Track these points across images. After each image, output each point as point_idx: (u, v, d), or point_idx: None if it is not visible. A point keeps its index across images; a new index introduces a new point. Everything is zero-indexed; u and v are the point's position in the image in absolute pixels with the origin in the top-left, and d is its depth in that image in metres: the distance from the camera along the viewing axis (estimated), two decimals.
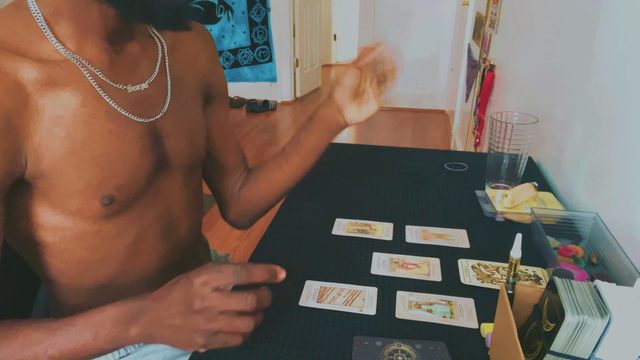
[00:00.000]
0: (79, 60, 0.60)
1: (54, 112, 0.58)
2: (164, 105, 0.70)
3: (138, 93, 0.66)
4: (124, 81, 0.65)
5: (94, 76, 0.61)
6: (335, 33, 7.07)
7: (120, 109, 0.63)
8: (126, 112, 0.64)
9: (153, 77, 0.69)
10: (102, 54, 0.62)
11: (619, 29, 0.85)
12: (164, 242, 0.76)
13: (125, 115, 0.64)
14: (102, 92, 0.62)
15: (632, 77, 0.78)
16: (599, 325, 0.45)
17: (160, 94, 0.70)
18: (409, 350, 0.59)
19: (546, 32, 1.33)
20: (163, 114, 0.69)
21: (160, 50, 0.71)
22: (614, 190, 0.81)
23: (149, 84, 0.68)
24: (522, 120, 0.98)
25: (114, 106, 0.63)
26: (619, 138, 0.81)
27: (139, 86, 0.67)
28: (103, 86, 0.62)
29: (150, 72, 0.69)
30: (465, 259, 0.80)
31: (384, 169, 1.17)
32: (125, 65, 0.66)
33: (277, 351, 0.62)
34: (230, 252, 2.37)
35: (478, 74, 2.40)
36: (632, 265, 0.66)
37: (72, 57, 0.60)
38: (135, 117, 0.65)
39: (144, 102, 0.67)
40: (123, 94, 0.64)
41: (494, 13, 2.19)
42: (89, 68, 0.61)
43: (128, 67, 0.66)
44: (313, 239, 0.87)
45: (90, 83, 0.61)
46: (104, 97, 0.62)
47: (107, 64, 0.63)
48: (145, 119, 0.67)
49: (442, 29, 4.49)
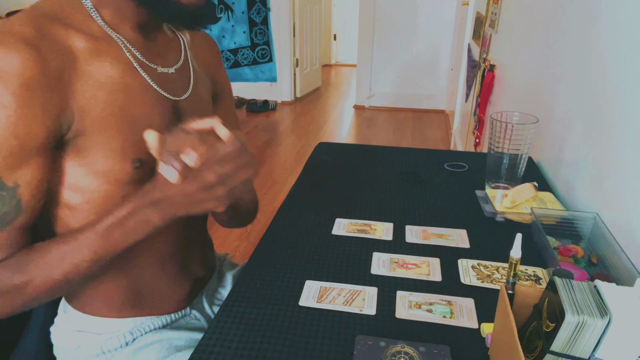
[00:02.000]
0: (120, 39, 0.68)
1: (97, 78, 0.65)
2: (187, 89, 0.78)
3: (165, 75, 0.74)
4: (155, 62, 0.73)
5: (131, 53, 0.69)
6: (335, 33, 7.08)
7: (152, 83, 0.71)
8: (157, 87, 0.72)
9: (179, 63, 0.78)
10: (138, 37, 0.71)
11: (619, 28, 0.85)
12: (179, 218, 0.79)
13: (156, 89, 0.72)
14: (138, 67, 0.70)
15: (632, 77, 0.78)
16: (599, 325, 0.45)
17: (184, 79, 0.78)
18: (412, 352, 0.59)
19: (546, 32, 1.33)
20: (187, 96, 0.77)
21: (182, 44, 0.80)
22: (614, 190, 0.81)
23: (175, 70, 0.76)
24: (522, 120, 0.98)
25: (148, 80, 0.70)
26: (618, 138, 0.81)
27: (167, 69, 0.75)
28: (139, 62, 0.70)
29: (175, 60, 0.77)
30: (465, 259, 0.80)
31: (384, 169, 1.17)
32: (156, 50, 0.74)
33: (277, 351, 0.62)
34: (230, 252, 2.37)
35: (478, 74, 2.40)
36: (632, 265, 0.66)
37: (115, 35, 0.68)
38: (164, 92, 0.73)
39: (170, 83, 0.75)
40: (154, 72, 0.72)
41: (494, 13, 2.19)
42: (127, 46, 0.69)
43: (158, 52, 0.74)
44: (313, 239, 0.87)
45: (128, 58, 0.69)
46: (139, 72, 0.70)
47: (142, 45, 0.71)
48: (172, 97, 0.74)
49: (442, 29, 4.49)
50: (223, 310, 0.69)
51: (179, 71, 0.77)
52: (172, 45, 0.78)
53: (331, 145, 1.36)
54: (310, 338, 0.64)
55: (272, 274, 0.77)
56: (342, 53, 7.19)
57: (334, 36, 7.08)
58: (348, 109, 4.95)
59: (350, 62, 6.83)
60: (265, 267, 0.79)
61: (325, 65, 6.72)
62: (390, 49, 4.68)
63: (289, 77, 4.97)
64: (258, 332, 0.65)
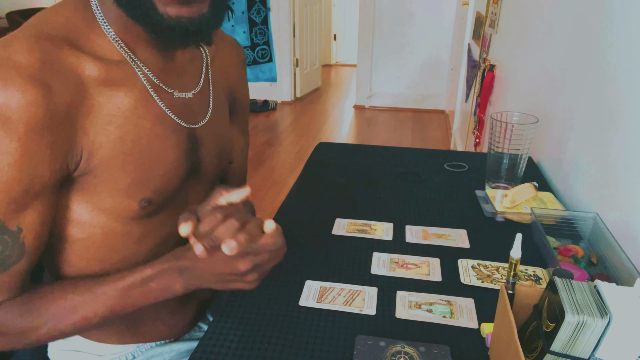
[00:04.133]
0: (135, 62, 0.62)
1: (108, 111, 0.59)
2: (205, 115, 0.72)
3: (183, 100, 0.68)
4: (173, 86, 0.66)
5: (147, 78, 0.63)
6: (335, 33, 7.07)
7: (169, 111, 0.65)
8: (173, 116, 0.66)
9: (199, 88, 0.71)
10: (155, 59, 0.64)
11: (619, 28, 0.85)
12: None
13: (172, 118, 0.66)
14: (154, 93, 0.63)
15: (631, 77, 0.78)
16: (599, 325, 0.45)
17: (203, 103, 0.72)
18: (412, 352, 0.59)
19: (546, 32, 1.33)
20: (205, 122, 0.71)
21: (204, 61, 0.73)
22: (614, 190, 0.81)
23: (194, 94, 0.70)
24: (522, 120, 0.98)
25: (163, 109, 0.64)
26: (619, 138, 0.81)
27: (185, 94, 0.68)
28: (155, 88, 0.64)
29: (194, 82, 0.71)
30: (465, 259, 0.80)
31: (384, 169, 1.17)
32: (174, 72, 0.67)
33: (277, 351, 0.62)
34: None
35: (478, 74, 2.40)
36: (632, 265, 0.66)
37: (130, 57, 0.61)
38: (180, 121, 0.67)
39: (187, 109, 0.68)
40: (170, 97, 0.66)
41: (494, 13, 2.19)
42: (143, 70, 0.62)
43: (177, 74, 0.68)
44: (313, 239, 0.87)
45: (144, 84, 0.62)
46: (155, 99, 0.63)
47: (159, 67, 0.65)
48: (188, 125, 0.68)
49: (442, 29, 4.49)
50: (223, 311, 0.69)
51: (197, 95, 0.70)
52: (192, 64, 0.71)
53: (331, 145, 1.36)
54: (310, 338, 0.64)
55: (272, 274, 0.76)
56: (342, 53, 7.19)
57: (334, 36, 7.07)
58: (348, 109, 4.94)
59: (350, 62, 6.83)
60: None
61: (325, 65, 6.72)
62: (390, 49, 4.68)
63: (289, 77, 4.97)
64: (258, 332, 0.65)
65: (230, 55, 0.80)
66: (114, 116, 0.59)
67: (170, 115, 0.65)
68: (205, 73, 0.73)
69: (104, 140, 0.59)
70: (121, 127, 0.60)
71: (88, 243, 0.66)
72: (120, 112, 0.60)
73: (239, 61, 0.83)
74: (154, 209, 0.67)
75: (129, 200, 0.63)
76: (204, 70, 0.73)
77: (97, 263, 0.68)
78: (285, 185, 3.03)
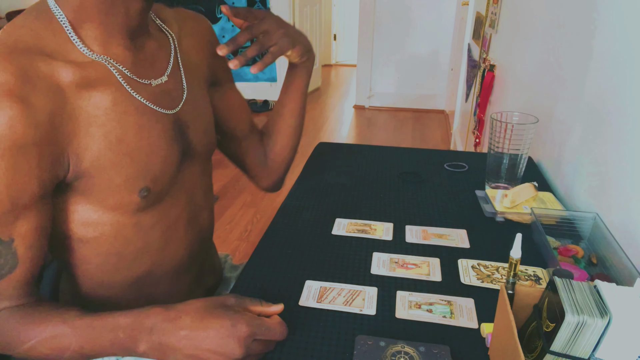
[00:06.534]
0: (107, 60, 0.62)
1: (88, 112, 0.60)
2: (182, 97, 0.73)
3: (160, 87, 0.69)
4: (147, 76, 0.68)
5: (121, 74, 0.64)
6: (335, 33, 7.07)
7: (148, 102, 0.66)
8: (153, 105, 0.67)
9: (169, 69, 0.72)
10: (126, 52, 0.65)
11: (619, 28, 0.85)
12: (190, 231, 0.79)
13: (152, 108, 0.67)
14: (129, 88, 0.64)
15: (632, 77, 0.78)
16: (599, 325, 0.45)
17: (178, 86, 0.73)
18: (412, 352, 0.59)
19: (546, 32, 1.33)
20: (182, 104, 0.72)
21: (172, 45, 0.74)
22: (614, 190, 0.81)
23: (168, 76, 0.71)
24: (522, 120, 0.98)
25: (142, 101, 0.65)
26: (618, 138, 0.81)
27: (160, 79, 0.69)
28: (130, 83, 0.65)
29: (166, 66, 0.72)
30: (465, 259, 0.80)
31: (384, 169, 1.17)
32: (146, 61, 0.68)
33: (277, 351, 0.62)
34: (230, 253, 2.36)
35: (478, 74, 2.40)
36: (632, 265, 0.66)
37: (99, 57, 0.62)
38: (161, 109, 0.68)
39: (166, 94, 0.70)
40: (148, 89, 0.67)
41: (494, 13, 2.19)
42: (115, 66, 0.63)
43: (149, 63, 0.69)
44: (313, 239, 0.87)
45: (119, 81, 0.63)
46: (132, 94, 0.64)
47: (131, 61, 0.65)
48: (169, 111, 0.70)
49: (442, 29, 4.49)
50: None
51: (170, 79, 0.72)
52: (161, 49, 0.72)
53: (331, 145, 1.36)
54: (310, 338, 0.64)
55: (272, 274, 0.77)
56: (342, 53, 7.19)
57: (334, 36, 7.07)
58: (348, 109, 4.95)
59: (350, 62, 6.83)
60: (265, 267, 0.78)
61: (325, 65, 6.72)
62: (390, 49, 4.68)
63: None
64: None
65: (198, 29, 0.81)
66: (95, 117, 0.60)
67: (150, 105, 0.66)
68: (174, 55, 0.74)
69: (90, 142, 0.60)
70: (103, 125, 0.61)
71: (101, 240, 0.68)
72: (101, 111, 0.61)
73: (208, 33, 0.83)
74: (155, 197, 0.69)
75: (129, 193, 0.65)
76: (173, 53, 0.73)
77: (112, 257, 0.70)
78: (285, 185, 3.03)
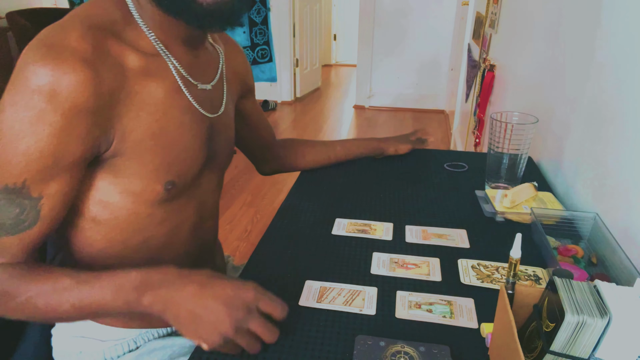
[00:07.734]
0: (168, 56, 0.68)
1: (142, 99, 0.65)
2: (221, 106, 0.80)
3: (205, 92, 0.75)
4: (197, 79, 0.74)
5: (178, 72, 0.70)
6: (335, 33, 7.08)
7: (194, 102, 0.72)
8: (198, 106, 0.72)
9: (216, 79, 0.79)
10: (184, 54, 0.71)
11: (619, 28, 0.85)
12: (193, 236, 0.81)
13: (196, 108, 0.72)
14: (182, 85, 0.70)
15: (632, 77, 0.78)
16: (599, 325, 0.45)
17: (219, 95, 0.80)
18: (412, 352, 0.59)
19: (546, 32, 1.33)
20: (221, 113, 0.79)
21: (220, 58, 0.82)
22: (614, 190, 0.81)
23: (213, 86, 0.77)
24: (522, 120, 0.98)
25: (190, 99, 0.71)
26: (619, 138, 0.81)
27: (206, 86, 0.75)
28: (183, 80, 0.70)
29: (213, 76, 0.79)
30: (465, 259, 0.80)
31: (384, 169, 1.17)
32: (199, 67, 0.75)
33: (277, 351, 0.62)
34: (230, 253, 2.36)
35: (478, 74, 2.40)
36: (632, 265, 0.66)
37: (163, 51, 0.68)
38: (203, 110, 0.74)
39: (208, 100, 0.76)
40: (196, 90, 0.73)
41: (494, 13, 2.19)
42: (174, 63, 0.69)
43: (201, 69, 0.75)
44: (313, 239, 0.87)
45: (175, 77, 0.69)
46: (183, 91, 0.70)
47: (188, 62, 0.72)
48: (209, 114, 0.75)
49: (442, 29, 4.49)
50: None
51: (215, 87, 0.78)
52: (211, 60, 0.79)
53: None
54: (310, 338, 0.64)
55: (272, 274, 0.77)
56: (342, 53, 7.19)
57: (334, 36, 7.08)
58: (348, 109, 4.95)
59: (350, 62, 6.83)
60: (265, 267, 0.78)
61: (325, 65, 6.72)
62: (390, 49, 4.68)
63: (289, 77, 4.97)
64: None
65: (236, 52, 0.91)
66: (147, 104, 0.65)
67: (195, 105, 0.72)
68: (220, 68, 0.81)
69: (137, 125, 0.64)
70: (152, 114, 0.65)
71: (113, 224, 0.69)
72: (153, 100, 0.66)
73: (242, 54, 0.94)
74: (176, 192, 0.71)
75: (155, 183, 0.68)
76: (220, 65, 0.81)
77: (118, 244, 0.72)
78: (285, 185, 3.03)
